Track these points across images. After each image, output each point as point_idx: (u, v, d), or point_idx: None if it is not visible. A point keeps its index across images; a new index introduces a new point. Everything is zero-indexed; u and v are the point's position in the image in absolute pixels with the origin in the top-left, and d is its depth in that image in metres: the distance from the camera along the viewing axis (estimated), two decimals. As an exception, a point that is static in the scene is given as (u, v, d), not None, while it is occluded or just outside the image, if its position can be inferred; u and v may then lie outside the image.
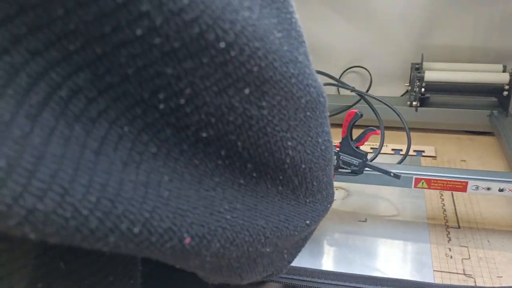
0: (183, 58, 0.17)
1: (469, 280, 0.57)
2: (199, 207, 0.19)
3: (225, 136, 0.20)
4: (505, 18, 0.92)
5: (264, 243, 0.23)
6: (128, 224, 0.16)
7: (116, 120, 0.17)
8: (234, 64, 0.17)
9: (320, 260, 0.61)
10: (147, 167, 0.18)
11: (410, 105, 0.93)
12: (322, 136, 0.24)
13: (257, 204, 0.23)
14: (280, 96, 0.20)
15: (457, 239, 0.64)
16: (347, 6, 0.99)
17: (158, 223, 0.17)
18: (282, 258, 0.28)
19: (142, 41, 0.16)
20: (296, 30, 0.22)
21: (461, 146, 0.90)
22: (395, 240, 0.64)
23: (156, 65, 0.17)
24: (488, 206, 0.71)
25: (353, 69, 1.04)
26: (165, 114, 0.18)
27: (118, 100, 0.17)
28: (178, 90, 0.18)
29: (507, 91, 0.87)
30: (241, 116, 0.19)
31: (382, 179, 0.63)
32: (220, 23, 0.16)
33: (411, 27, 0.97)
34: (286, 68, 0.20)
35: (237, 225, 0.21)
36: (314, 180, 0.25)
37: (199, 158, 0.20)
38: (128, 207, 0.16)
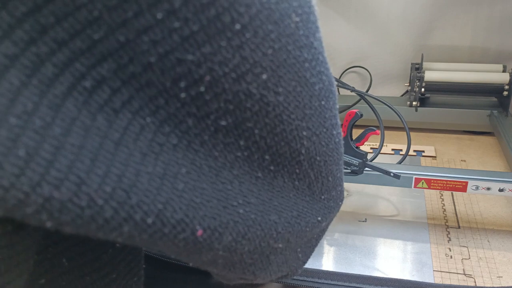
0: (202, 42, 0.17)
1: (469, 280, 0.57)
2: (212, 200, 0.19)
3: (242, 124, 0.20)
4: (505, 18, 0.92)
5: (276, 238, 0.23)
6: (142, 215, 0.17)
7: (139, 110, 0.17)
8: (250, 47, 0.18)
9: (320, 260, 0.61)
10: (166, 158, 0.18)
11: (410, 105, 0.93)
12: (336, 128, 0.24)
13: (272, 199, 0.23)
14: (295, 81, 0.20)
15: (457, 239, 0.64)
16: (347, 6, 0.99)
17: (171, 214, 0.18)
18: (296, 258, 0.27)
19: (162, 26, 0.16)
20: (314, 14, 0.22)
21: (461, 146, 0.90)
22: (395, 240, 0.64)
23: (177, 52, 0.17)
24: (488, 206, 0.71)
25: (353, 69, 1.05)
26: (186, 104, 0.18)
27: (141, 90, 0.17)
28: (198, 78, 0.18)
29: (507, 91, 0.87)
30: (258, 103, 0.19)
31: (382, 179, 0.63)
32: (236, 6, 0.17)
33: (411, 27, 0.97)
34: (300, 52, 0.20)
35: (249, 219, 0.21)
36: (329, 175, 0.25)
37: (219, 150, 0.20)
38: (143, 198, 0.17)
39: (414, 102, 0.93)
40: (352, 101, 0.93)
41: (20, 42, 0.15)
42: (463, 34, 0.96)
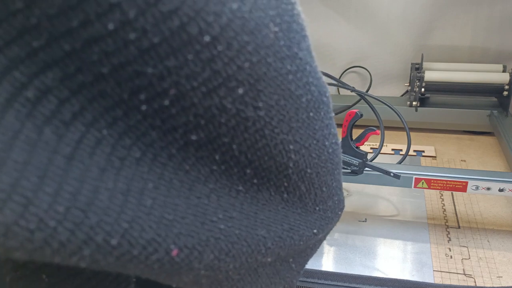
0: (165, 55, 0.15)
1: (469, 280, 0.57)
2: (188, 216, 0.18)
3: (217, 139, 0.18)
4: (505, 18, 0.92)
5: (265, 253, 0.22)
6: (104, 236, 0.15)
7: (93, 122, 0.16)
8: (222, 60, 0.16)
9: (320, 260, 0.61)
10: (129, 173, 0.17)
11: (410, 105, 0.93)
12: (329, 138, 0.23)
13: (257, 212, 0.21)
14: (278, 95, 0.19)
15: (457, 239, 0.64)
16: (348, 6, 0.99)
17: (139, 233, 0.16)
18: (289, 268, 0.26)
19: (115, 37, 0.15)
20: (297, 23, 0.20)
21: (461, 146, 0.90)
22: (395, 240, 0.64)
23: (135, 64, 0.15)
24: (488, 206, 0.71)
25: (353, 69, 1.05)
26: (149, 116, 0.17)
27: (94, 101, 0.16)
28: (161, 91, 0.16)
29: (507, 91, 0.87)
30: (235, 118, 0.18)
31: (382, 179, 0.63)
32: (203, 15, 0.15)
33: (411, 27, 0.97)
34: (282, 64, 0.18)
35: (232, 235, 0.20)
36: (323, 186, 0.24)
37: (190, 163, 0.19)
38: (103, 217, 0.15)
39: (414, 102, 0.93)
40: (352, 101, 0.93)
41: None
42: (463, 34, 0.96)
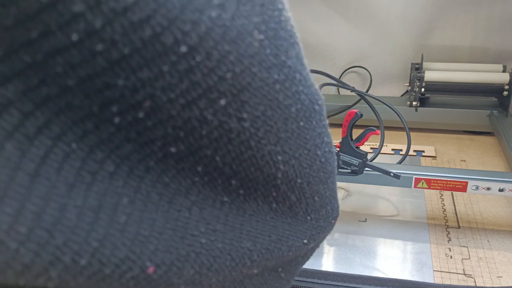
0: (137, 67, 0.15)
1: (469, 280, 0.57)
2: (166, 231, 0.17)
3: (199, 151, 0.18)
4: (505, 18, 0.92)
5: (251, 266, 0.21)
6: (72, 255, 0.15)
7: (61, 136, 0.15)
8: (202, 71, 0.16)
9: (320, 260, 0.61)
10: (101, 188, 0.16)
11: (410, 105, 0.93)
12: (321, 147, 0.22)
13: (243, 224, 0.21)
14: (264, 105, 0.18)
15: (457, 239, 0.64)
16: (348, 6, 0.99)
17: (112, 252, 0.16)
18: (277, 277, 0.25)
19: (81, 48, 0.14)
20: (285, 30, 0.19)
21: (461, 146, 0.90)
22: (395, 240, 0.64)
23: (104, 76, 0.15)
24: (488, 206, 0.71)
25: (353, 69, 1.05)
26: (122, 128, 0.16)
27: (61, 113, 0.15)
28: (135, 103, 0.16)
29: (507, 91, 0.87)
30: (217, 130, 0.17)
31: (382, 179, 0.63)
32: (179, 24, 0.14)
33: (411, 27, 0.97)
34: (268, 74, 0.17)
35: (215, 249, 0.19)
36: (315, 195, 0.23)
37: (170, 176, 0.18)
38: (71, 236, 0.15)
39: (414, 102, 0.93)
40: (352, 101, 0.93)
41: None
42: (463, 34, 0.96)
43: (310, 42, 1.04)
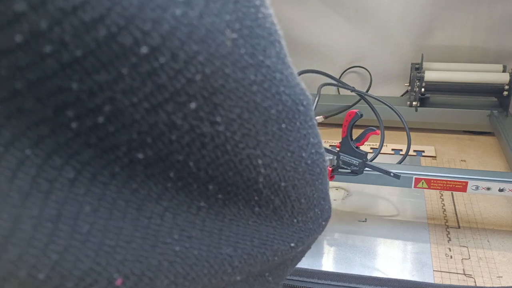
0: (93, 69, 0.14)
1: (469, 280, 0.57)
2: (135, 240, 0.17)
3: (170, 157, 0.17)
4: (505, 18, 0.92)
5: (232, 272, 0.20)
6: (29, 270, 0.14)
7: (13, 141, 0.14)
8: (167, 73, 0.15)
9: (320, 260, 0.61)
10: (60, 196, 0.15)
11: (410, 105, 0.93)
12: (307, 149, 0.21)
13: (222, 229, 0.20)
14: (240, 108, 0.17)
15: (457, 239, 0.64)
16: (348, 6, 0.99)
17: (74, 264, 0.15)
18: (264, 281, 0.24)
19: (26, 50, 0.13)
20: (263, 27, 0.18)
21: (461, 146, 0.90)
22: (395, 240, 0.64)
23: (56, 79, 0.14)
24: (488, 206, 0.71)
25: (353, 69, 1.05)
26: (82, 133, 0.15)
27: (12, 118, 0.14)
28: (94, 107, 0.15)
29: (507, 91, 0.87)
30: (188, 134, 0.16)
31: (382, 179, 0.63)
32: (137, 23, 0.13)
33: (411, 27, 0.97)
34: (244, 74, 0.16)
35: (191, 257, 0.18)
36: (301, 198, 0.22)
37: (139, 181, 0.17)
38: (28, 250, 0.14)
39: (414, 102, 0.93)
40: (352, 101, 0.93)
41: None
42: (463, 34, 0.96)
43: (310, 42, 1.04)
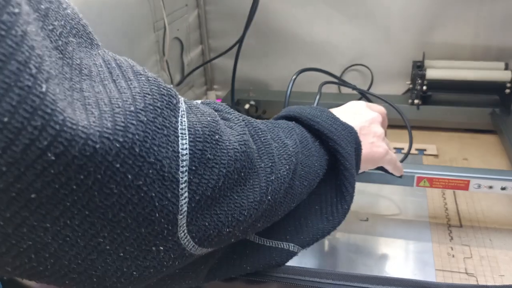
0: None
1: (471, 279, 0.56)
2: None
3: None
4: (507, 16, 0.92)
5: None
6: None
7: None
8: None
9: (321, 259, 0.61)
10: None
11: (411, 103, 0.93)
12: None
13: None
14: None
15: (459, 238, 0.64)
16: (348, 4, 0.99)
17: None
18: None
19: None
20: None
21: (463, 144, 0.90)
22: (396, 239, 0.64)
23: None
24: (490, 204, 0.71)
25: (354, 67, 1.04)
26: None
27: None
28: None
29: (509, 89, 0.87)
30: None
31: (384, 178, 0.63)
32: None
33: (413, 24, 0.97)
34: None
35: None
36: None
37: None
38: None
39: (415, 100, 0.92)
40: (354, 100, 0.92)
41: None
42: (465, 31, 0.95)
43: (311, 40, 1.03)
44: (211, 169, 0.28)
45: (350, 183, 0.45)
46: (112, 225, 0.24)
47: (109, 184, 0.23)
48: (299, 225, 0.43)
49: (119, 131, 0.23)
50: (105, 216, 0.24)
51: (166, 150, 0.25)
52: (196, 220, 0.28)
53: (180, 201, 0.27)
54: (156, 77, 0.28)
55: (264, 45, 1.06)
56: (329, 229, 0.45)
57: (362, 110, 0.53)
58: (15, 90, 0.19)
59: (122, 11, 0.75)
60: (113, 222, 0.24)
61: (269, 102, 1.01)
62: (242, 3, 0.87)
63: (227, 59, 0.97)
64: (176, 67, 1.00)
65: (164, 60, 0.92)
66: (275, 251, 0.42)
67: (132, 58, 0.30)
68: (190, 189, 0.27)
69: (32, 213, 0.22)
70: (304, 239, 0.44)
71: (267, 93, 1.07)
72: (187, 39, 1.02)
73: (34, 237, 0.22)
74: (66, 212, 0.22)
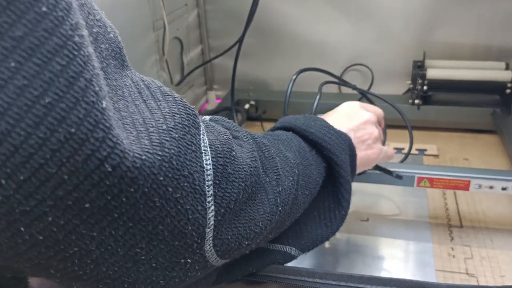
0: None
1: (471, 280, 0.56)
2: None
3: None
4: (507, 16, 0.92)
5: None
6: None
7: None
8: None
9: (321, 260, 0.61)
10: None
11: (412, 103, 0.93)
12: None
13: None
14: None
15: (459, 238, 0.63)
16: (349, 4, 0.99)
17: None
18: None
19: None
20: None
21: (463, 144, 0.90)
22: (397, 239, 0.64)
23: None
24: (491, 204, 0.71)
25: (355, 67, 1.04)
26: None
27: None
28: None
29: (509, 89, 0.87)
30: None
31: (384, 178, 0.63)
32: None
33: (413, 24, 0.97)
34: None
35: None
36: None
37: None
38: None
39: (416, 100, 0.92)
40: (354, 99, 0.92)
41: None
42: (465, 31, 0.95)
43: (311, 40, 1.03)
44: (232, 183, 0.30)
45: (346, 190, 0.46)
46: (151, 237, 0.26)
47: (153, 197, 0.25)
48: (299, 230, 0.44)
49: (156, 147, 0.25)
50: (146, 229, 0.25)
51: (196, 165, 0.27)
52: (221, 234, 0.30)
53: (208, 213, 0.29)
54: (181, 97, 0.30)
55: (264, 45, 1.06)
56: (328, 234, 0.46)
57: (357, 111, 0.53)
58: (82, 104, 0.21)
59: (122, 10, 0.75)
60: (151, 235, 0.26)
61: (269, 102, 1.01)
62: (242, 3, 0.86)
63: (227, 58, 0.97)
64: (176, 67, 1.00)
65: (164, 60, 0.91)
66: (278, 254, 0.44)
67: (132, 57, 0.31)
68: (216, 202, 0.29)
69: (83, 222, 0.23)
70: (304, 244, 0.45)
71: (267, 93, 1.07)
72: (187, 39, 1.02)
73: (81, 244, 0.24)
74: (113, 223, 0.24)
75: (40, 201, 0.21)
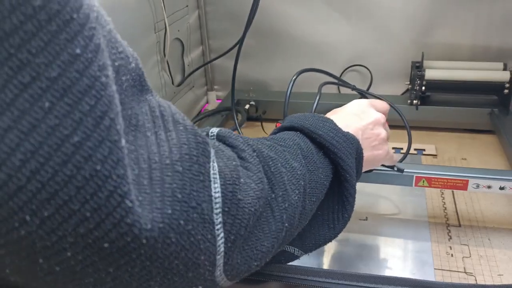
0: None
1: (469, 278, 0.57)
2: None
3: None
4: (505, 16, 0.92)
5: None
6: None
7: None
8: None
9: (320, 258, 0.61)
10: None
11: (410, 104, 0.93)
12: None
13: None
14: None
15: (457, 237, 0.64)
16: (348, 5, 0.99)
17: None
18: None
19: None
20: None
21: (461, 144, 0.90)
22: (395, 238, 0.64)
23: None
24: (489, 204, 0.71)
25: (354, 67, 1.05)
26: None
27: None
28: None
29: (507, 89, 0.87)
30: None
31: (383, 178, 0.63)
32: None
33: (412, 25, 0.97)
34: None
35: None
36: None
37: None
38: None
39: (414, 100, 0.93)
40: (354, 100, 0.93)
41: None
42: (463, 32, 0.95)
43: (311, 41, 1.04)
44: (242, 209, 0.30)
45: (350, 194, 0.46)
46: (166, 271, 0.26)
47: (169, 233, 0.25)
48: (302, 231, 0.44)
49: (155, 185, 0.25)
50: (162, 265, 0.26)
51: (203, 195, 0.27)
52: (231, 259, 0.30)
53: (217, 241, 0.28)
54: (193, 125, 0.30)
55: (264, 46, 1.07)
56: (331, 236, 0.46)
57: (366, 111, 0.53)
58: (107, 143, 0.22)
59: (123, 11, 0.76)
60: (167, 269, 0.26)
61: (269, 103, 1.02)
62: (243, 4, 0.87)
63: (228, 59, 0.97)
64: (177, 68, 1.00)
65: (165, 61, 0.92)
66: (281, 254, 0.44)
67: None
68: (225, 230, 0.29)
69: (101, 259, 0.23)
70: (307, 245, 0.46)
71: (267, 93, 1.07)
72: (188, 40, 1.02)
73: (97, 276, 0.24)
74: (130, 262, 0.24)
75: (61, 237, 0.22)
